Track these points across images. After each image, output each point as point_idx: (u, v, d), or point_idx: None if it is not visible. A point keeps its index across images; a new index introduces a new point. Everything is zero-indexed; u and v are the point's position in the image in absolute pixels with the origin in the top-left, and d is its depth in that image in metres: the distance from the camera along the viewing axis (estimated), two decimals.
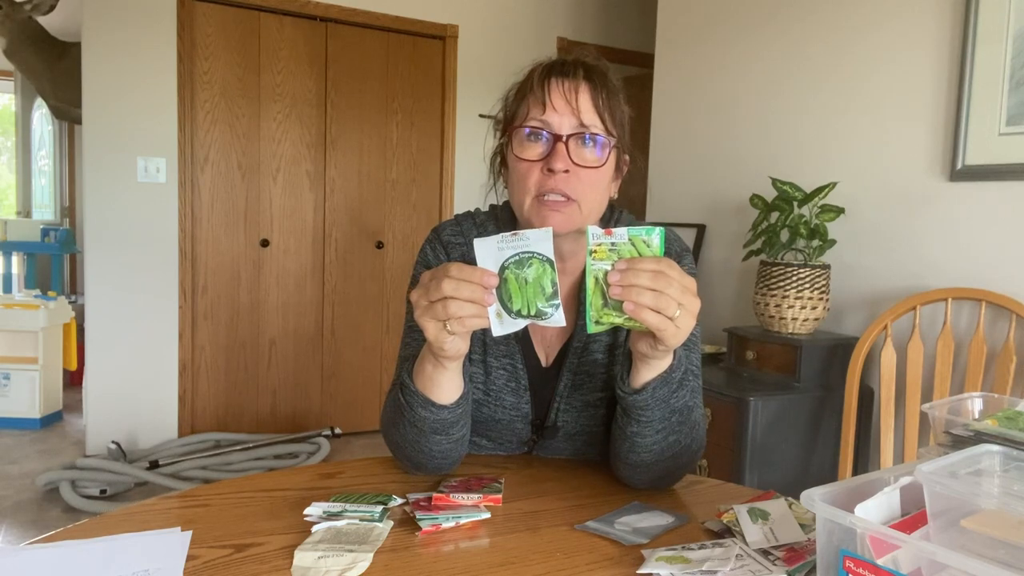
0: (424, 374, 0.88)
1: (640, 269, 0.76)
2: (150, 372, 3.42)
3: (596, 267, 0.78)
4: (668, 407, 0.88)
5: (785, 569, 0.72)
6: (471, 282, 0.77)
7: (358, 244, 3.86)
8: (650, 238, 0.78)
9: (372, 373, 3.93)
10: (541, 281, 0.79)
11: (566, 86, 0.95)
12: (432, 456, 0.95)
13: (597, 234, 0.78)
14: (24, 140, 6.44)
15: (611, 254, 0.78)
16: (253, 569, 0.72)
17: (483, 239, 0.79)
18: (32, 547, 0.75)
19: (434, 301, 0.78)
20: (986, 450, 0.69)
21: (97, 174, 3.26)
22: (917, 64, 2.20)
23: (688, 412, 0.92)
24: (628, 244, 0.78)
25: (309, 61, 3.66)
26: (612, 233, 0.78)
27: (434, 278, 0.79)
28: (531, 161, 0.95)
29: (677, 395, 0.89)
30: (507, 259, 0.79)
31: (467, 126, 3.99)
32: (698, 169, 2.99)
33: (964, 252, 2.08)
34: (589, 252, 0.78)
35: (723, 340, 2.54)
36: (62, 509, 2.73)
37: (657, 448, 0.91)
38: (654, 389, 0.86)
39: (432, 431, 0.91)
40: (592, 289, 0.79)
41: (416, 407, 0.90)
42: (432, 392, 0.89)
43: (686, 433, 0.93)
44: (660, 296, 0.76)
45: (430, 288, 0.78)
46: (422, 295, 0.80)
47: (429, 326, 0.79)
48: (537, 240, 0.79)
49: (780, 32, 2.63)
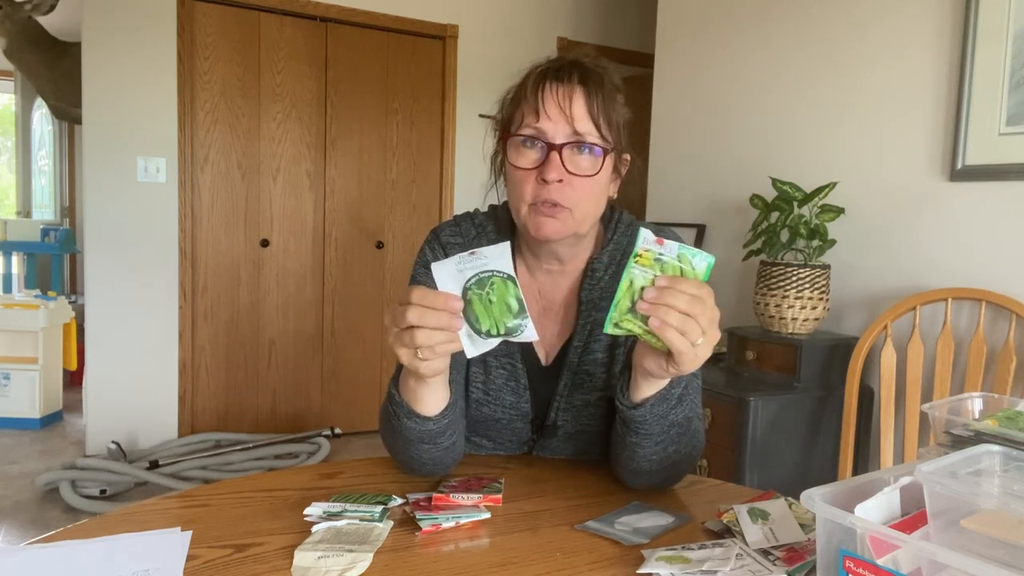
0: (407, 387, 0.88)
1: (680, 291, 0.74)
2: (150, 372, 3.42)
3: (636, 272, 0.76)
4: (667, 422, 0.88)
5: (785, 569, 0.72)
6: (436, 309, 0.75)
7: (358, 244, 3.86)
8: (696, 262, 0.77)
9: (372, 373, 3.93)
10: (506, 299, 0.77)
11: (560, 92, 0.94)
12: (423, 463, 0.95)
13: (649, 239, 0.76)
14: (24, 140, 6.44)
15: (655, 264, 0.76)
16: (253, 569, 0.72)
17: (441, 263, 0.78)
18: (32, 547, 0.75)
19: (402, 330, 0.77)
20: (986, 450, 0.69)
21: (97, 174, 3.26)
22: (917, 64, 2.20)
23: (688, 423, 0.92)
24: (675, 261, 0.76)
25: (309, 61, 3.66)
26: (664, 244, 0.76)
27: (400, 303, 0.77)
28: (526, 169, 0.95)
29: (676, 411, 0.88)
30: (468, 280, 0.77)
31: (467, 126, 3.99)
32: (698, 169, 2.99)
33: (964, 252, 2.08)
34: (635, 255, 0.76)
35: (723, 340, 2.54)
36: (62, 509, 2.73)
37: (656, 458, 0.91)
38: (652, 406, 0.86)
39: (419, 440, 0.91)
40: (624, 291, 0.77)
41: (402, 417, 0.90)
42: (416, 404, 0.89)
43: (685, 443, 0.93)
44: (688, 320, 0.75)
45: (396, 316, 0.77)
46: (391, 322, 0.78)
47: (401, 353, 0.79)
48: (495, 257, 0.77)
49: (780, 32, 2.63)
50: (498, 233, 1.07)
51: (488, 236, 1.07)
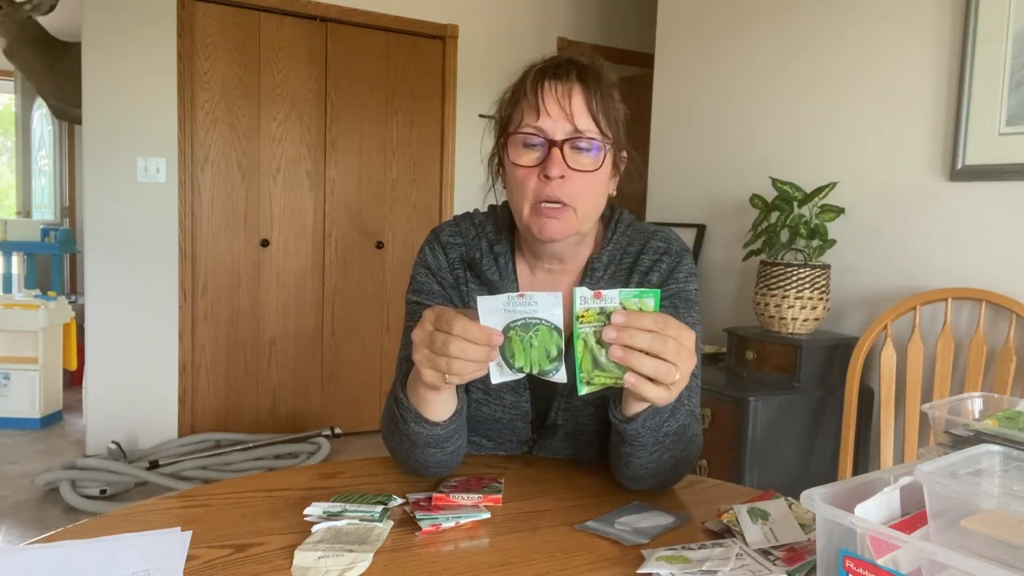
0: (417, 393, 0.88)
1: (638, 328, 0.73)
2: (150, 372, 3.42)
3: (584, 331, 0.74)
4: (660, 433, 0.88)
5: (785, 569, 0.72)
6: (478, 344, 0.75)
7: (358, 244, 3.85)
8: (643, 301, 0.74)
9: (372, 373, 3.93)
10: (547, 346, 0.76)
11: (559, 90, 0.94)
12: (427, 465, 0.95)
13: (586, 297, 0.74)
14: (24, 140, 6.44)
15: (599, 317, 0.74)
16: (253, 569, 0.72)
17: (488, 298, 0.76)
18: (32, 547, 0.75)
19: (438, 355, 0.76)
20: (986, 450, 0.69)
21: (97, 174, 3.26)
22: (917, 64, 2.20)
23: (683, 430, 0.91)
24: (620, 308, 0.74)
25: (309, 61, 3.66)
26: (601, 296, 0.74)
27: (439, 330, 0.76)
28: (527, 167, 0.95)
29: (670, 422, 0.88)
30: (513, 322, 0.76)
31: (467, 126, 3.99)
32: (698, 169, 2.99)
33: (964, 252, 2.08)
34: (576, 316, 0.74)
35: (723, 340, 2.54)
36: (62, 509, 2.73)
37: (652, 466, 0.91)
38: (644, 420, 0.86)
39: (426, 444, 0.91)
40: (581, 353, 0.75)
41: (409, 422, 0.90)
42: (425, 409, 0.88)
43: (681, 448, 0.92)
44: (660, 364, 0.74)
45: (435, 341, 0.76)
46: (424, 342, 0.78)
47: (427, 373, 0.79)
48: (546, 307, 0.75)
49: (780, 32, 2.63)
50: (497, 233, 1.07)
51: (488, 236, 1.07)
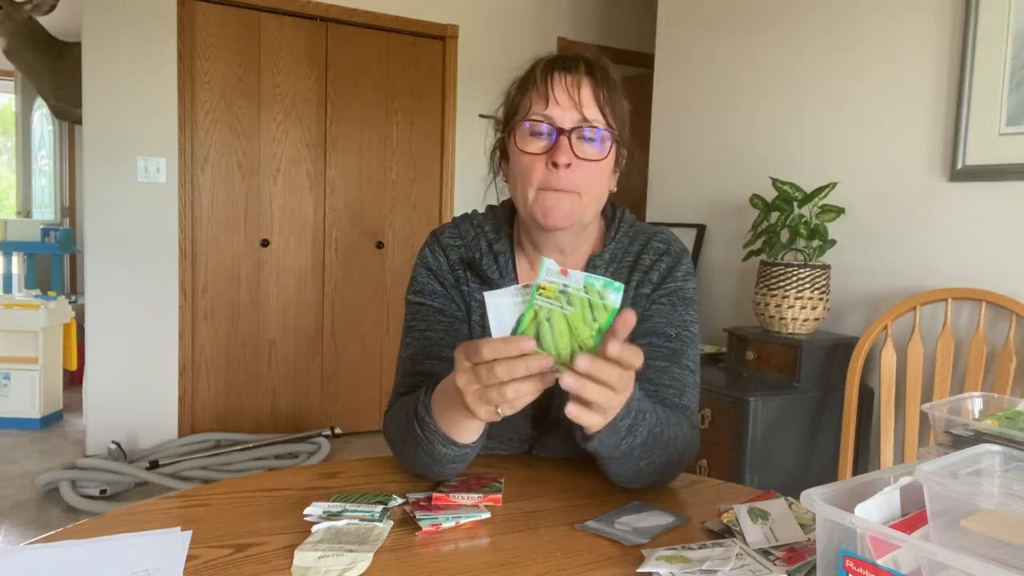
0: (446, 416, 0.84)
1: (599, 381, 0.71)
2: (150, 372, 3.42)
3: (539, 303, 0.70)
4: (625, 446, 0.86)
5: (785, 569, 0.72)
6: (513, 358, 0.70)
7: (358, 244, 3.86)
8: (605, 292, 0.70)
9: (372, 373, 3.93)
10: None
11: (568, 80, 0.96)
12: (443, 475, 0.95)
13: (552, 270, 0.70)
14: (24, 140, 6.43)
15: (560, 296, 0.70)
16: (253, 569, 0.72)
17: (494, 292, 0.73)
18: (32, 547, 0.75)
19: (489, 386, 0.72)
20: (986, 450, 0.69)
21: (97, 174, 3.26)
22: (917, 64, 2.20)
23: (657, 437, 0.89)
24: (582, 293, 0.70)
25: (309, 61, 3.66)
26: (568, 274, 0.70)
27: (471, 361, 0.73)
28: (534, 154, 0.96)
29: (628, 439, 0.85)
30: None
31: (467, 126, 3.99)
32: (698, 169, 2.99)
33: (964, 252, 2.08)
34: (537, 286, 0.70)
35: (723, 340, 2.54)
36: (62, 509, 2.73)
37: (631, 473, 0.91)
38: (601, 439, 0.84)
39: (450, 461, 0.90)
40: (528, 322, 0.71)
41: (436, 444, 0.87)
42: (457, 434, 0.86)
43: (659, 453, 0.91)
44: (606, 391, 0.72)
45: (480, 374, 0.72)
46: (471, 380, 0.73)
47: (481, 411, 0.75)
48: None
49: (780, 32, 2.63)
50: (497, 232, 1.08)
51: (487, 235, 1.08)
